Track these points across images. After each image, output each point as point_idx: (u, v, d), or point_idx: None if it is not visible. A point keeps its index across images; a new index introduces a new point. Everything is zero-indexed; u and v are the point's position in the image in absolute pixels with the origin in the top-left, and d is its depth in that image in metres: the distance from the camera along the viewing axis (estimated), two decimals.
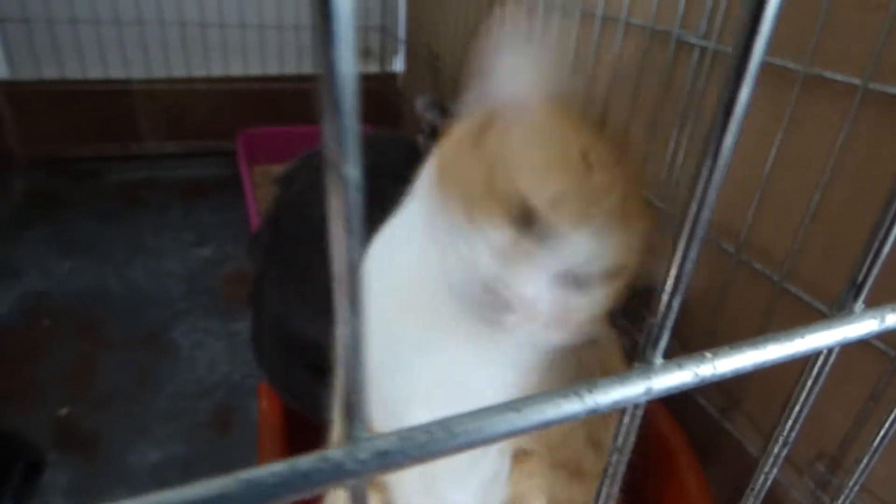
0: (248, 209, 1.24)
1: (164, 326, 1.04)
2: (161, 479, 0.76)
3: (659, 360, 0.18)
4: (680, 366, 0.18)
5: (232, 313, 1.09)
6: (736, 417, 0.59)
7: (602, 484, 0.20)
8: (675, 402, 0.61)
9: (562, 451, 0.42)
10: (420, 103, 0.82)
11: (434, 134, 0.76)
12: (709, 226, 0.16)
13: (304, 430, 0.56)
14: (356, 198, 0.11)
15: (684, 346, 0.65)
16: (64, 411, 0.85)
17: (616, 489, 0.20)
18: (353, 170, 0.11)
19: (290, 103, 1.66)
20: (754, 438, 0.59)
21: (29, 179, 1.49)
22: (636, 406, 0.18)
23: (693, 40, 0.60)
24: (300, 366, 0.66)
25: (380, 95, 1.71)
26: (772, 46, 0.14)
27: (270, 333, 0.63)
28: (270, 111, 1.64)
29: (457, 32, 1.17)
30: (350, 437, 0.13)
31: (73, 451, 0.79)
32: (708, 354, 0.18)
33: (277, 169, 1.58)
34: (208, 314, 1.08)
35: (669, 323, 0.17)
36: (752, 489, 0.23)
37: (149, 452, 0.80)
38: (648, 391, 0.17)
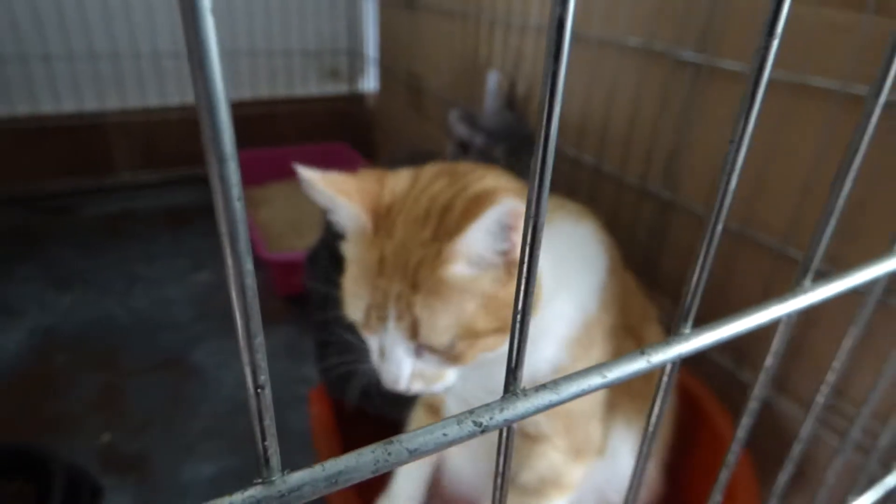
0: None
1: (181, 351, 1.07)
2: (222, 489, 0.80)
3: (688, 330, 0.24)
4: (701, 331, 0.24)
5: None
6: (745, 370, 0.71)
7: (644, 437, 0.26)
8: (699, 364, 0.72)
9: (575, 434, 0.50)
10: (452, 116, 0.87)
11: (463, 147, 0.82)
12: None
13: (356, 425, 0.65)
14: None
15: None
16: (106, 438, 0.87)
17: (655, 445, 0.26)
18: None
19: (259, 126, 1.70)
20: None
21: (5, 217, 1.46)
22: (674, 363, 0.24)
23: (689, 57, 0.72)
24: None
25: (350, 114, 1.77)
26: None
27: (333, 349, 0.69)
28: (241, 135, 1.67)
29: (438, 56, 1.26)
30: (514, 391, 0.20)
31: (125, 475, 0.82)
32: (718, 322, 0.24)
33: (256, 191, 1.62)
34: (224, 336, 1.11)
35: (696, 301, 0.24)
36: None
37: (202, 468, 0.83)
38: (680, 355, 0.24)
